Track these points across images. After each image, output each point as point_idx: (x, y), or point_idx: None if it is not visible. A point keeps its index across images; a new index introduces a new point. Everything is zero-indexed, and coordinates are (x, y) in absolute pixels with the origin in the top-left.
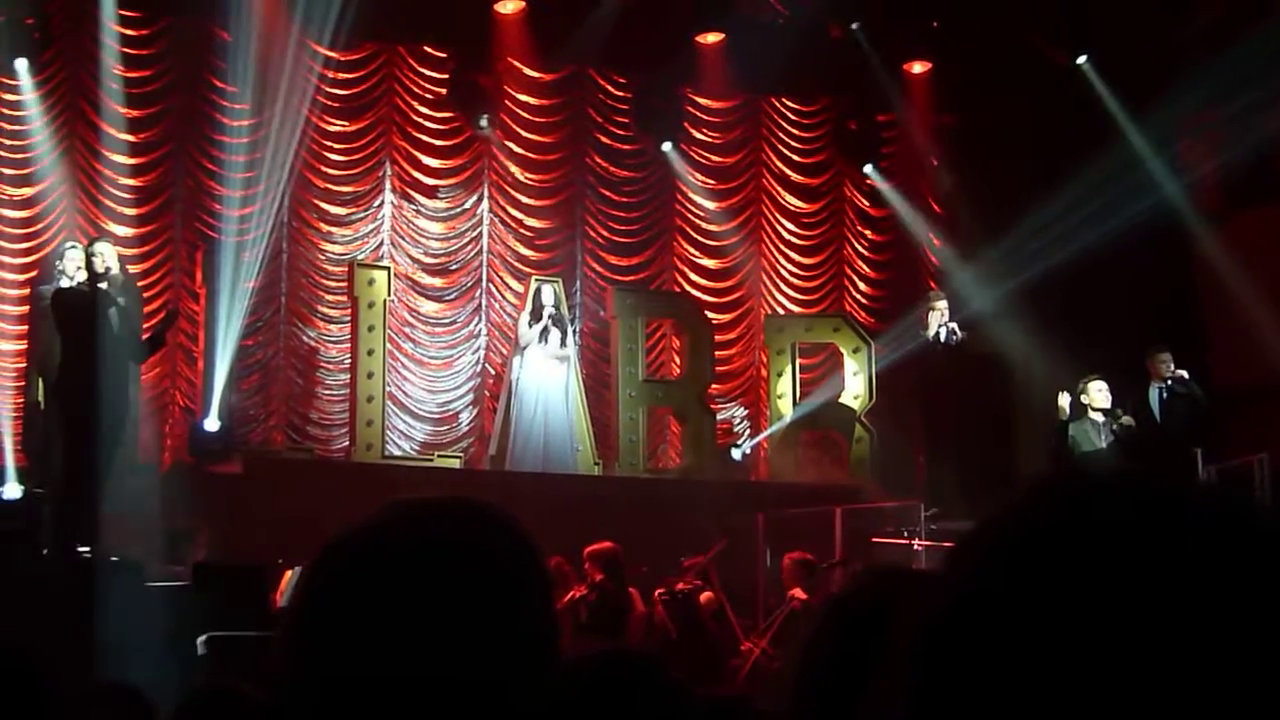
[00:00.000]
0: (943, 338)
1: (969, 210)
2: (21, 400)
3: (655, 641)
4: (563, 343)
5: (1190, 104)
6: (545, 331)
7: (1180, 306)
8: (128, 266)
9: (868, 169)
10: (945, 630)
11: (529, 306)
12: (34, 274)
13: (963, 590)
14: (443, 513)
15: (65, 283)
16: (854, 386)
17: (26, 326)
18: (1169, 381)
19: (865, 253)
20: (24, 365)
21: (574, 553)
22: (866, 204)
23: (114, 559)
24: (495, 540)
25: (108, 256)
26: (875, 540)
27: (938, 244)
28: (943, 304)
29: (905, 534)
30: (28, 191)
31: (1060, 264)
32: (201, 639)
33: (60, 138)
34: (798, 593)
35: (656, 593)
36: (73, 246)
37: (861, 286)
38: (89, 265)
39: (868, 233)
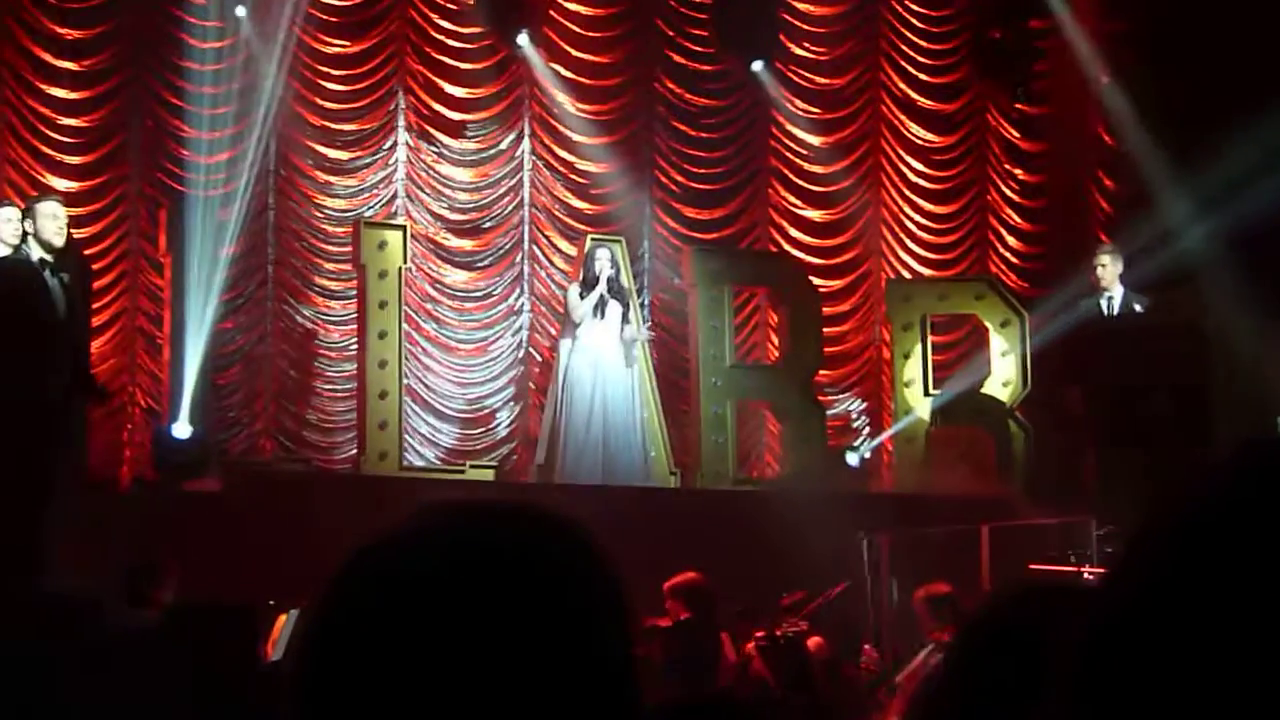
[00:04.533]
0: (1117, 305)
1: (1149, 141)
2: None
3: (751, 697)
4: (626, 319)
5: None
6: (603, 305)
7: None
8: (71, 232)
9: (1017, 91)
10: (1126, 630)
11: (583, 274)
12: None
13: (1144, 584)
14: (493, 521)
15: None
16: (1002, 370)
17: None
18: None
19: (1015, 198)
20: None
21: (644, 587)
22: (1016, 135)
23: (63, 599)
24: (561, 555)
25: (61, 221)
26: (1034, 567)
27: (1109, 185)
28: (1116, 262)
29: (1073, 558)
30: None
31: (1273, 207)
32: None
33: None
34: (942, 636)
35: (753, 637)
36: (7, 205)
37: (1010, 242)
38: (37, 233)
39: (1018, 172)
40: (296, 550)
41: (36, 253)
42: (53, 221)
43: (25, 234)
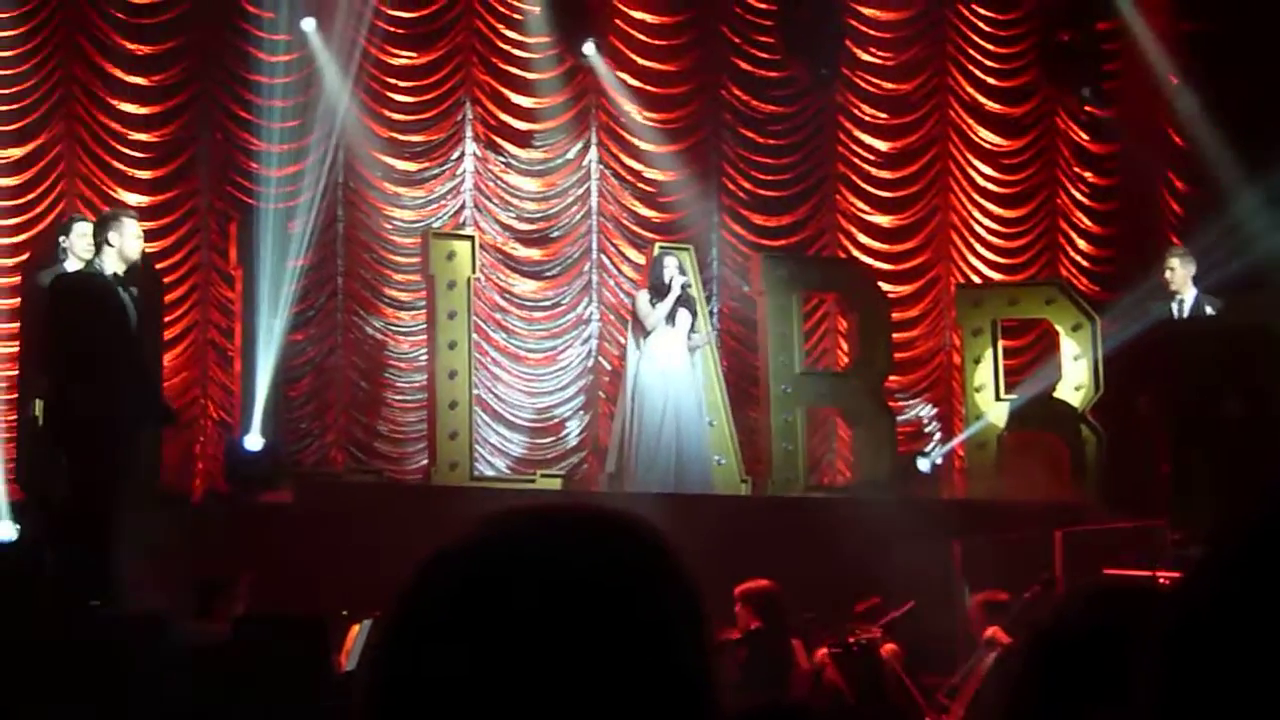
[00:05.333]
0: (1188, 307)
1: (1221, 142)
2: (14, 418)
3: (824, 706)
4: (695, 327)
5: None
6: (673, 313)
7: None
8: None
9: (1085, 93)
10: (1203, 632)
11: (651, 282)
12: (25, 257)
13: (1221, 586)
14: (567, 527)
15: (72, 266)
16: (1074, 374)
17: (18, 324)
18: None
19: (1085, 201)
20: (15, 374)
21: (716, 594)
22: (1085, 138)
23: (134, 614)
24: (637, 561)
25: (141, 237)
26: (1108, 572)
27: (1179, 187)
28: (1187, 264)
29: (1147, 564)
30: (15, 153)
31: None
32: None
33: (55, 84)
34: (997, 633)
35: (824, 645)
36: (80, 220)
37: (1081, 245)
38: (121, 249)
39: (1087, 175)
40: (369, 561)
41: (110, 267)
42: (137, 239)
43: (99, 247)
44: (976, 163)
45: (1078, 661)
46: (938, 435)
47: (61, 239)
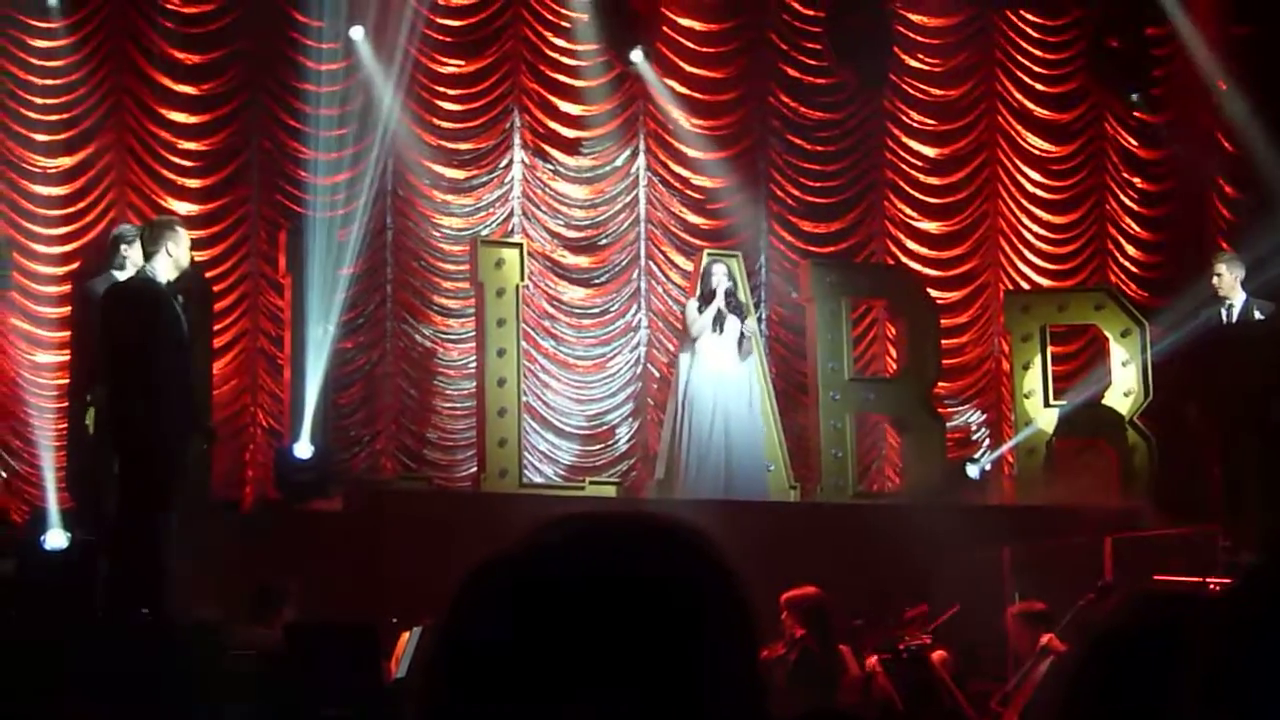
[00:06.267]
0: (1237, 312)
1: (1271, 147)
2: (65, 426)
3: (873, 714)
4: (745, 334)
5: None
6: (721, 320)
7: None
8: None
9: (1135, 98)
10: (1256, 638)
11: (700, 289)
12: (76, 265)
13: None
14: (617, 535)
15: (123, 274)
16: (1124, 380)
17: (69, 333)
18: None
19: (1134, 206)
20: (67, 382)
21: (764, 601)
22: (1134, 144)
23: (184, 622)
24: (688, 569)
25: (188, 246)
26: (1159, 579)
27: (1229, 192)
28: (1236, 269)
29: (1198, 571)
30: (66, 162)
31: None
32: None
33: (105, 93)
34: (1052, 640)
35: (874, 652)
36: (130, 227)
37: (1130, 251)
38: (177, 258)
39: (1136, 181)
40: (419, 568)
41: (164, 275)
42: (187, 249)
43: (152, 254)
44: (1025, 168)
45: (1133, 666)
46: (986, 442)
47: (124, 248)
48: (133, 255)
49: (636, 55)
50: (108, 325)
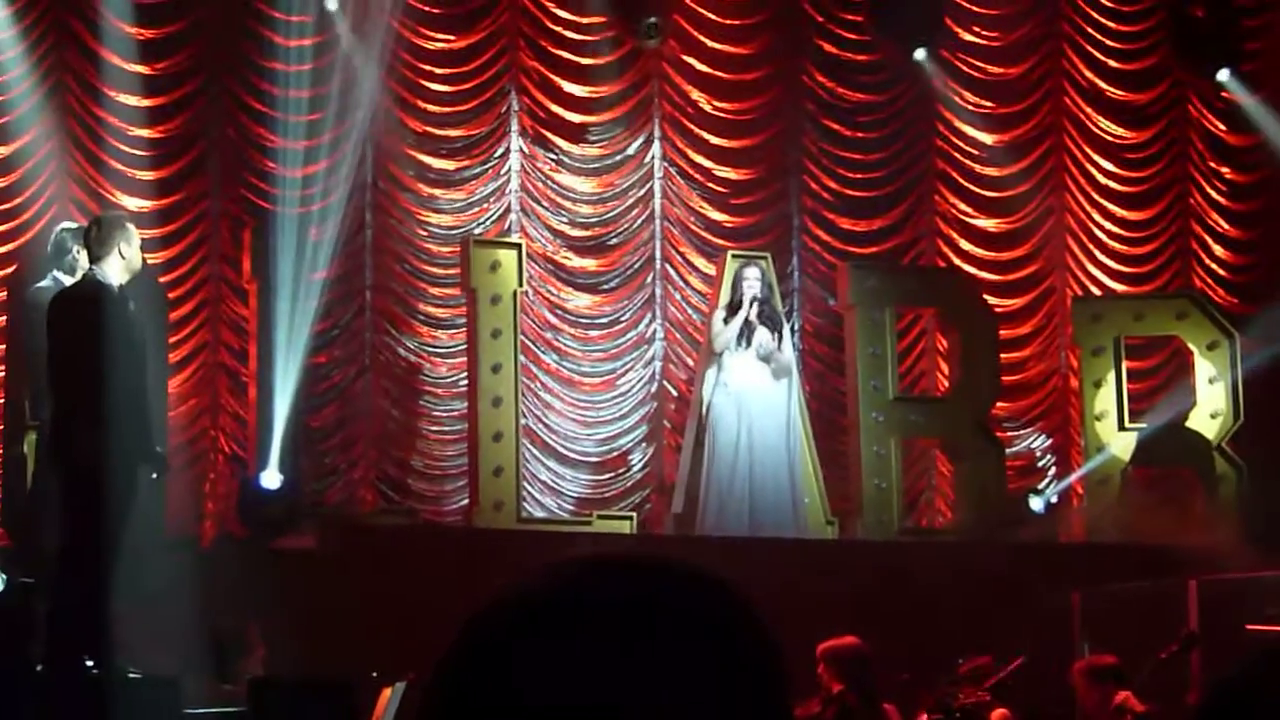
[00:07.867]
0: None
1: None
2: (0, 452)
3: None
4: (777, 347)
5: None
6: (749, 331)
7: None
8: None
9: (1223, 76)
10: None
11: (725, 296)
12: (13, 269)
13: None
14: (632, 583)
15: (69, 279)
16: (1210, 400)
17: (4, 345)
18: None
19: (1222, 201)
20: (2, 401)
21: (797, 653)
22: (1222, 128)
23: (135, 675)
24: (714, 624)
25: (139, 246)
26: (1250, 628)
27: None
28: None
29: None
30: (1, 152)
31: None
32: None
33: (44, 72)
34: (1129, 699)
35: (924, 711)
36: (71, 224)
37: (1217, 251)
38: (129, 258)
39: (1225, 171)
40: (402, 615)
41: (115, 279)
42: (139, 249)
43: (100, 257)
44: (1096, 157)
45: None
46: (1052, 470)
47: (75, 249)
48: (80, 257)
49: (651, 28)
50: (52, 336)
